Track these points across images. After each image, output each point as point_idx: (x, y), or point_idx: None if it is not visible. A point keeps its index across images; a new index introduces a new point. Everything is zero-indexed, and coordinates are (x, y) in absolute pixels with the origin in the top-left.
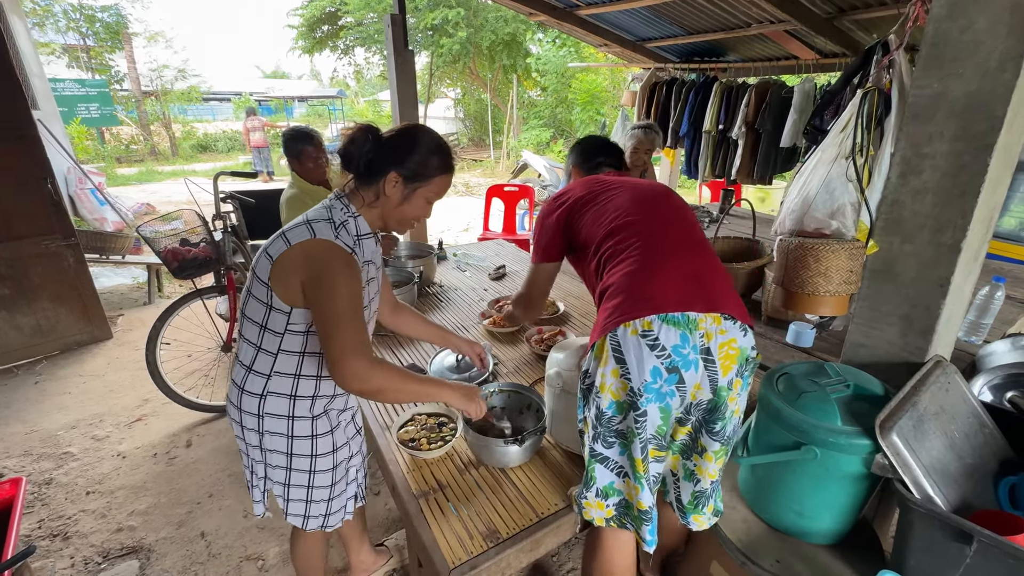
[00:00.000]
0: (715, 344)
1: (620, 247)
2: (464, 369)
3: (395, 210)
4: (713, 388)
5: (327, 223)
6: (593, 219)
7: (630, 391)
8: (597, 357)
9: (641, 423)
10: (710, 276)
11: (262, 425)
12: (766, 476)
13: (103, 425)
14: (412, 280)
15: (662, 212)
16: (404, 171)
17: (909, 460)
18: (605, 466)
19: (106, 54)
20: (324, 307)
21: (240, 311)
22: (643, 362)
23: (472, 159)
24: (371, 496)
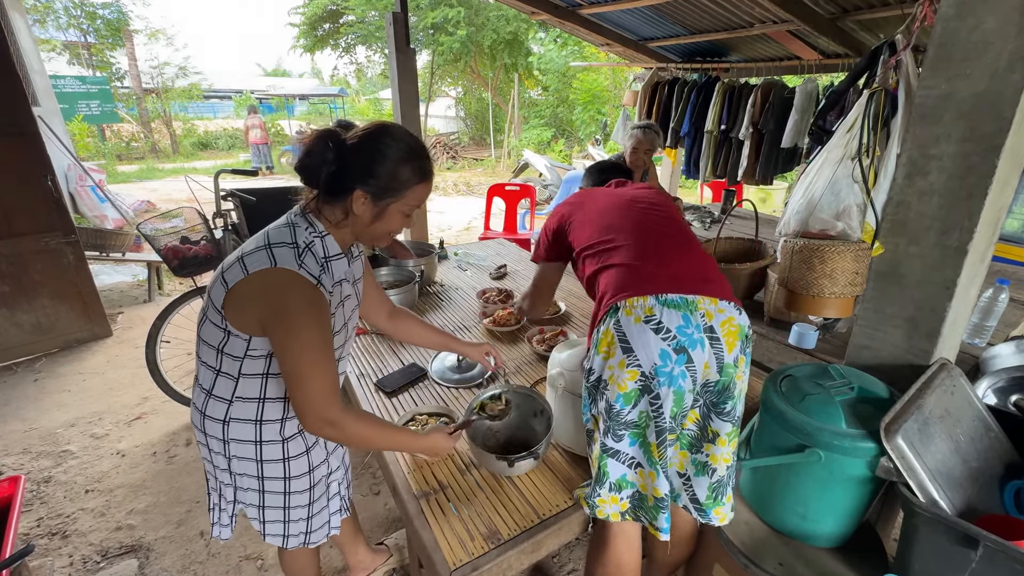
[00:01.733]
0: (716, 322)
1: (608, 246)
2: (466, 369)
3: (368, 229)
4: (719, 366)
5: (290, 248)
6: (579, 224)
7: (641, 376)
8: (602, 352)
9: (656, 406)
10: (698, 262)
11: (228, 450)
12: (769, 478)
13: (102, 423)
14: (413, 279)
15: (646, 212)
16: (371, 188)
17: (914, 464)
18: (617, 459)
19: (107, 51)
20: (288, 353)
21: (197, 333)
22: (650, 346)
23: (473, 158)
24: (371, 496)
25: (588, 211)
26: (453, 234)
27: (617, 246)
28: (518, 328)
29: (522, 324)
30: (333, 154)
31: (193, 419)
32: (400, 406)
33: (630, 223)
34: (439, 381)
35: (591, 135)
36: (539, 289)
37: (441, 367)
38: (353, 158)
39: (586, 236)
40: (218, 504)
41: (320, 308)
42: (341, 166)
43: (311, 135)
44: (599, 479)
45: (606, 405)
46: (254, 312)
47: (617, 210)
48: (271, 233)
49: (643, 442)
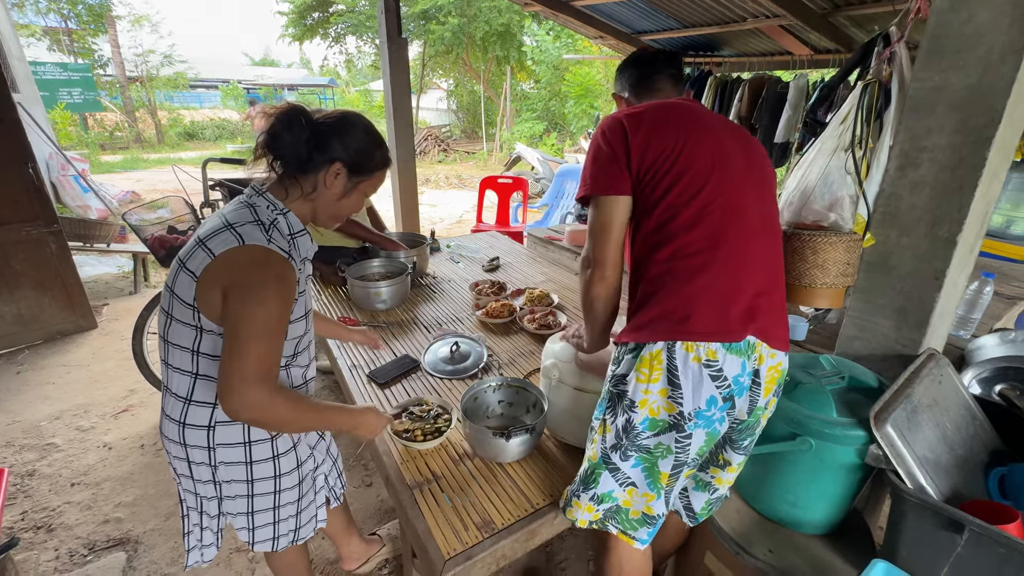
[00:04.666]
0: (764, 367)
1: (691, 221)
2: (459, 360)
3: (333, 204)
4: (751, 409)
5: (255, 225)
6: (671, 162)
7: (678, 415)
8: (642, 371)
9: (683, 445)
10: (777, 293)
11: (214, 458)
12: (760, 467)
13: (88, 416)
14: (405, 271)
15: (748, 181)
16: (350, 163)
17: (903, 451)
18: (614, 476)
19: (89, 38)
20: (239, 318)
21: (160, 335)
22: (701, 390)
23: (465, 151)
24: (363, 488)
25: (690, 148)
26: (445, 227)
27: (702, 235)
28: (511, 320)
29: (514, 316)
30: (308, 129)
31: (166, 431)
32: (393, 398)
33: (729, 197)
34: (432, 372)
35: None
36: (601, 245)
37: (434, 358)
38: (332, 133)
39: (675, 186)
40: (199, 523)
41: (289, 285)
42: (320, 140)
43: (284, 108)
44: (586, 483)
45: (626, 423)
46: (218, 288)
47: (723, 163)
48: (228, 215)
49: (650, 469)
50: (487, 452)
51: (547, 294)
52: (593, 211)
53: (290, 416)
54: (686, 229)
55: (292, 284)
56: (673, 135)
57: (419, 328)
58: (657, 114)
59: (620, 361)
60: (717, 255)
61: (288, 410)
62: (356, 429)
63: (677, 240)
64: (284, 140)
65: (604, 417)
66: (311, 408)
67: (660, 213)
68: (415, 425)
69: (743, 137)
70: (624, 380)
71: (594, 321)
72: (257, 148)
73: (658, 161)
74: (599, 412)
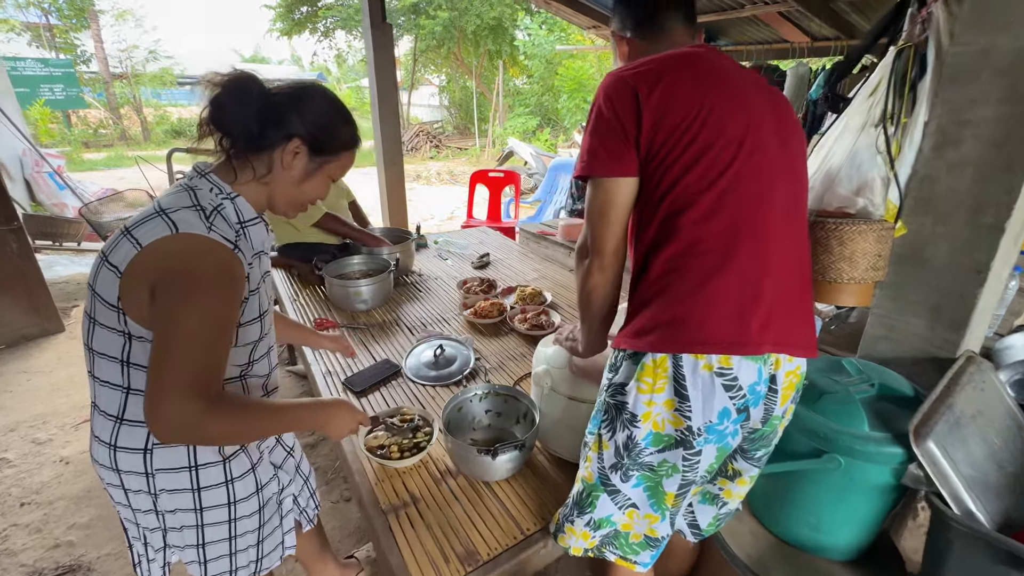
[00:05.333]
0: (782, 372)
1: (709, 210)
2: (443, 365)
3: (293, 188)
4: (766, 418)
5: (193, 211)
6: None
7: (686, 430)
8: (644, 380)
9: (692, 463)
10: (801, 293)
11: (153, 485)
12: (778, 486)
13: (46, 427)
14: (388, 268)
15: (782, 156)
16: (310, 139)
17: (947, 471)
18: (613, 499)
19: (71, 33)
20: (167, 322)
21: (84, 343)
22: (712, 402)
23: (457, 147)
24: (342, 503)
25: (717, 122)
26: (436, 223)
27: (728, 241)
28: (500, 320)
29: (504, 316)
30: (261, 100)
31: (96, 456)
32: (370, 407)
33: (752, 181)
34: (414, 379)
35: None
36: (600, 233)
37: (416, 363)
38: (288, 105)
39: (690, 162)
40: (144, 555)
41: (233, 279)
42: (274, 112)
43: (232, 75)
44: (581, 507)
45: (627, 439)
46: (146, 285)
47: (749, 136)
48: (162, 200)
49: (654, 489)
50: (472, 470)
51: (539, 292)
52: (592, 192)
53: (238, 427)
54: (702, 220)
55: (238, 280)
56: (697, 98)
57: (402, 330)
58: (674, 71)
59: (618, 368)
60: (737, 254)
61: (233, 421)
62: (324, 428)
63: (690, 233)
64: (231, 112)
65: (600, 432)
66: (266, 411)
67: (673, 199)
68: (391, 440)
69: (772, 95)
70: (623, 390)
71: (591, 320)
72: (201, 123)
73: (676, 133)
74: (594, 426)
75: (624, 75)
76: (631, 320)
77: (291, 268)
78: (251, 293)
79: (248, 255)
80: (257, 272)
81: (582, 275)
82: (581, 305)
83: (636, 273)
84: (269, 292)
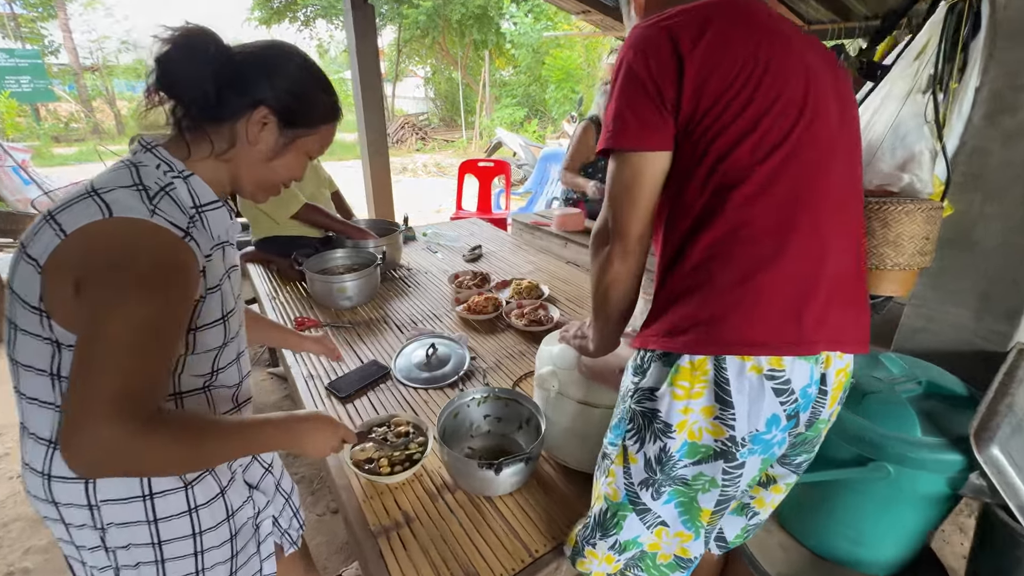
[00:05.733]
0: (832, 371)
1: (761, 187)
2: (436, 365)
3: (261, 167)
4: (811, 422)
5: (133, 191)
6: (746, 98)
7: (728, 440)
8: (680, 384)
9: (733, 476)
10: (858, 281)
11: (99, 519)
12: (812, 495)
13: (2, 440)
14: (374, 262)
15: (841, 123)
16: (281, 108)
17: (1015, 480)
18: (642, 519)
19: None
20: (94, 325)
21: (7, 355)
22: (760, 408)
23: (444, 140)
24: (328, 516)
25: (775, 82)
26: (423, 217)
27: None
28: (496, 316)
29: (500, 311)
30: (218, 60)
31: (30, 487)
32: (357, 415)
33: (820, 171)
34: (404, 381)
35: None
36: (622, 217)
37: (407, 364)
38: (254, 66)
39: (751, 148)
40: None
41: (181, 273)
42: (236, 74)
43: (183, 30)
44: (604, 528)
45: (660, 452)
46: (71, 280)
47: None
48: (95, 179)
49: (687, 505)
50: (472, 485)
51: (536, 285)
52: (616, 168)
53: (183, 454)
54: (753, 199)
55: (187, 274)
56: (751, 52)
57: (390, 328)
58: (722, 17)
59: (645, 370)
60: (792, 239)
61: (176, 447)
62: (299, 448)
63: (738, 214)
64: (183, 73)
65: (625, 443)
66: (222, 432)
67: (721, 174)
68: (380, 453)
69: (826, 53)
70: (652, 395)
71: (607, 316)
72: (148, 89)
73: (727, 94)
74: (616, 435)
75: (660, 24)
76: (661, 316)
77: (269, 263)
78: (210, 291)
79: (205, 245)
80: (219, 266)
81: (600, 265)
82: (597, 299)
83: (667, 262)
84: (237, 289)
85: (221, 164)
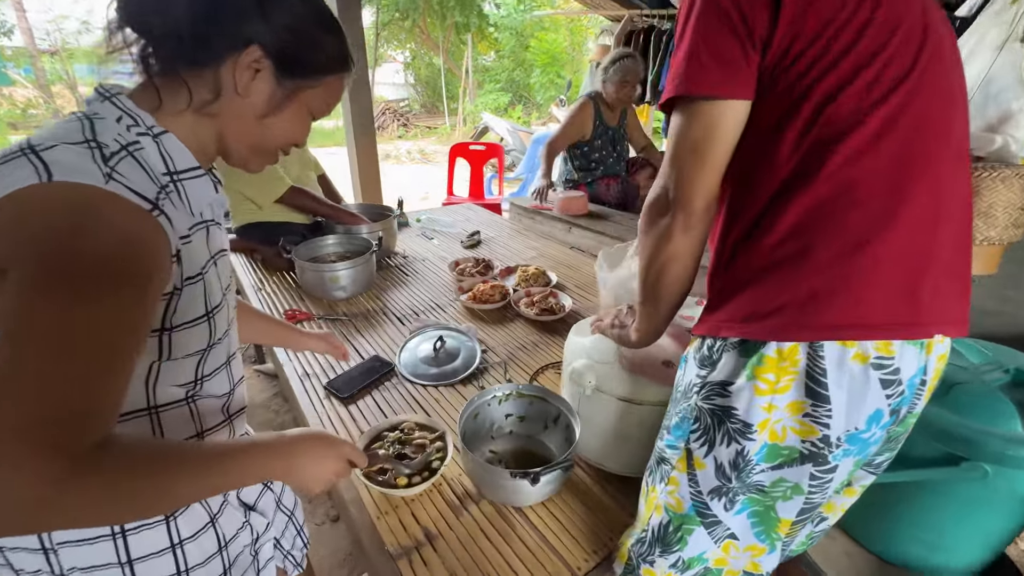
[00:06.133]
0: (934, 357)
1: (870, 141)
2: (445, 360)
3: (254, 125)
4: (903, 417)
5: (82, 149)
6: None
7: (820, 441)
8: (765, 375)
9: (822, 481)
10: (966, 253)
11: (58, 565)
12: (883, 498)
13: None
14: (369, 249)
15: (955, 70)
16: (278, 50)
17: None
18: (711, 532)
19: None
20: (18, 322)
21: None
22: (863, 403)
23: (426, 126)
24: (328, 524)
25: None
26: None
27: (895, 183)
28: (504, 305)
29: (508, 300)
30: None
31: None
32: (362, 417)
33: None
34: (411, 378)
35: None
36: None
37: (413, 359)
38: None
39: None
40: None
41: (146, 259)
42: (220, 5)
43: None
44: (665, 544)
45: (735, 455)
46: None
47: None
48: (33, 136)
49: (763, 515)
50: (500, 495)
51: (543, 271)
52: (684, 120)
53: (134, 502)
54: (860, 154)
55: (155, 260)
56: None
57: (390, 320)
58: None
59: (715, 361)
60: (908, 200)
61: (124, 492)
62: (295, 477)
63: (842, 173)
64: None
65: (689, 446)
66: (190, 465)
67: (821, 126)
68: (394, 463)
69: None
70: (726, 390)
71: (658, 299)
72: (109, 25)
73: (831, 28)
74: (677, 437)
75: None
76: (733, 297)
77: (253, 252)
78: (189, 281)
79: (182, 223)
80: (200, 250)
81: (655, 239)
82: (648, 280)
83: (740, 235)
84: (225, 280)
85: (203, 120)
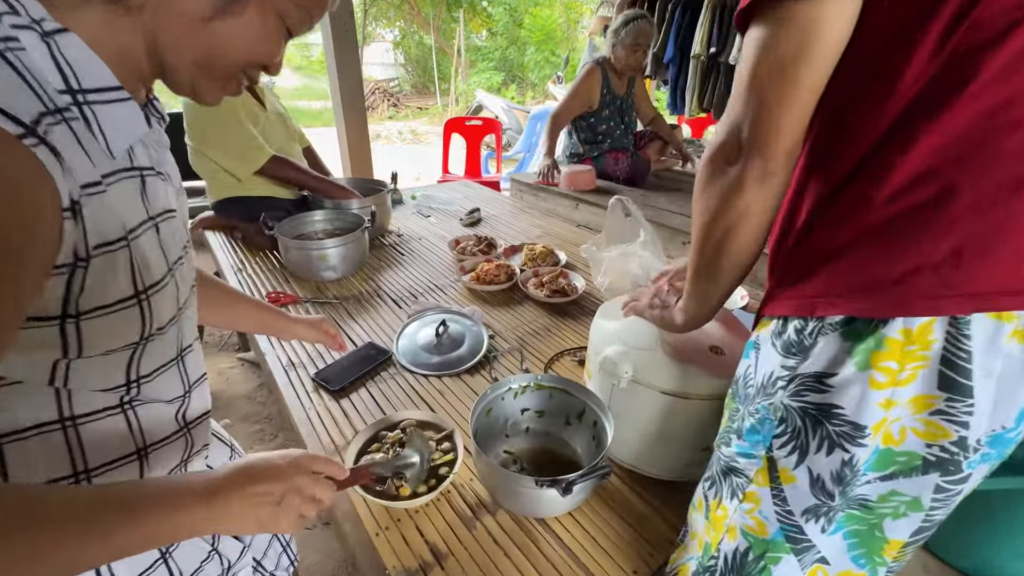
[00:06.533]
0: None
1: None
2: (449, 347)
3: (200, 28)
4: None
5: None
6: None
7: (955, 444)
8: (885, 364)
9: (950, 493)
10: None
11: None
12: (976, 508)
13: None
14: (361, 225)
15: None
16: None
17: None
18: (800, 559)
19: None
20: None
21: None
22: (1017, 395)
23: (417, 107)
24: (319, 529)
25: None
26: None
27: None
28: (511, 286)
29: (515, 280)
30: None
31: None
32: (356, 413)
33: None
34: (411, 368)
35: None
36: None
37: (412, 347)
38: None
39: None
40: None
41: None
42: None
43: None
44: (744, 572)
45: (840, 465)
46: None
47: None
48: None
49: (864, 535)
50: (521, 505)
51: (551, 250)
52: (766, 32)
53: None
54: (1016, 65)
55: (20, 208)
56: None
57: (385, 303)
58: None
59: (807, 348)
60: None
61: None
62: (235, 529)
63: (994, 91)
64: None
65: (772, 454)
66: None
67: (965, 32)
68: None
69: None
70: (824, 384)
71: (719, 269)
72: None
73: None
74: (752, 443)
75: None
76: (830, 263)
77: (232, 230)
78: (103, 249)
79: (83, 167)
80: (127, 206)
81: (721, 192)
82: (708, 248)
83: (836, 183)
84: (174, 251)
85: (120, 18)
